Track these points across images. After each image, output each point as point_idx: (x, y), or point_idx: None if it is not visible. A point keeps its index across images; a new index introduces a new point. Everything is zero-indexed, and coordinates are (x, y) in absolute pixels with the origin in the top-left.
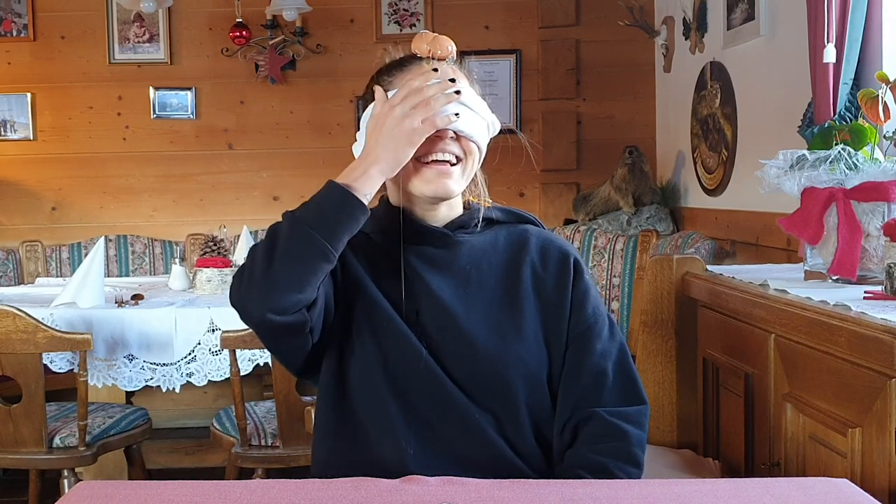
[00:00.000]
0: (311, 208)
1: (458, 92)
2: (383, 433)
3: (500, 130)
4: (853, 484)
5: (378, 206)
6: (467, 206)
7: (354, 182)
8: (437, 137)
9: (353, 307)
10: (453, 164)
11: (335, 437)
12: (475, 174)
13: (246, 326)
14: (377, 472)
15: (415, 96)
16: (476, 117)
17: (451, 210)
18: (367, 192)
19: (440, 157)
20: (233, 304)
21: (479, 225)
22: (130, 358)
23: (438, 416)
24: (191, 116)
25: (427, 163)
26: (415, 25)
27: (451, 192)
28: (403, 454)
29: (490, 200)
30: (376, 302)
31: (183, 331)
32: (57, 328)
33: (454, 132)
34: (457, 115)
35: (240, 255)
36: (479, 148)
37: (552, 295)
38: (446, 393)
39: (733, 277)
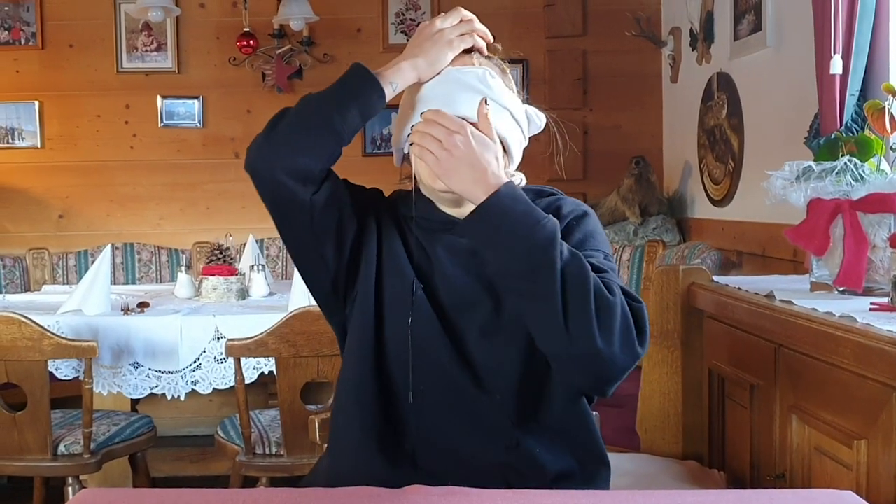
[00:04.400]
0: (330, 86)
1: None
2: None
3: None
4: (858, 496)
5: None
6: None
7: (383, 70)
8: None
9: (385, 274)
10: None
11: (365, 393)
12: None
13: (251, 335)
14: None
15: (456, 14)
16: (504, 113)
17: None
18: (392, 81)
19: None
20: (246, 167)
21: None
22: (136, 366)
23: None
24: (198, 125)
25: None
26: None
27: None
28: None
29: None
30: (405, 272)
31: (188, 339)
32: (63, 335)
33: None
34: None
35: (245, 264)
36: (512, 143)
37: None
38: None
39: (739, 288)
